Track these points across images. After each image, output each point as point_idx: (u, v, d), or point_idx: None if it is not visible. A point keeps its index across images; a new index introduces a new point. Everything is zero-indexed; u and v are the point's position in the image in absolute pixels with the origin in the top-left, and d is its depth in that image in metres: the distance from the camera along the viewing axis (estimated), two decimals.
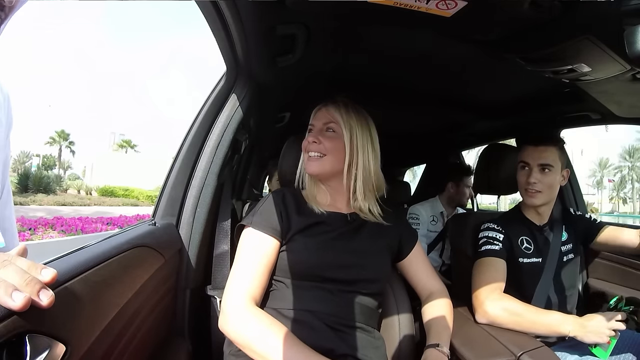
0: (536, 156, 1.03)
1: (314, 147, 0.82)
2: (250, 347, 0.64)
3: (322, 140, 0.82)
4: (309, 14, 0.74)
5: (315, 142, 0.82)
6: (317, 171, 0.82)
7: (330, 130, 0.83)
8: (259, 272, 0.73)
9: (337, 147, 0.82)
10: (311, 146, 0.82)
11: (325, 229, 0.80)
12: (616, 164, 44.34)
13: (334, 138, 0.82)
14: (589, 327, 0.82)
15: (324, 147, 0.81)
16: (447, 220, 1.88)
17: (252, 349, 0.64)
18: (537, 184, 1.02)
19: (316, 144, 0.82)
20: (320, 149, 0.82)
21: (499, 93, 1.26)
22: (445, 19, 0.67)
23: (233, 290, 0.70)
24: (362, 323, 0.76)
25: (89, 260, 0.50)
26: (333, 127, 0.83)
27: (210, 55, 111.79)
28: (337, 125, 0.82)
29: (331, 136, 0.82)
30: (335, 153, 0.82)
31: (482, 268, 1.00)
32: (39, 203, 12.84)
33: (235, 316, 0.67)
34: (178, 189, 0.92)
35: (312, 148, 0.82)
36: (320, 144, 0.82)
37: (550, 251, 1.04)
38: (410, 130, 1.96)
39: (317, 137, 0.82)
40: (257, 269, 0.73)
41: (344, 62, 1.05)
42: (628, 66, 0.70)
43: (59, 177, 25.76)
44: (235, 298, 0.69)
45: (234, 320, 0.67)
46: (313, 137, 0.82)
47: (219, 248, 0.97)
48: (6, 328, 0.32)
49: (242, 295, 0.69)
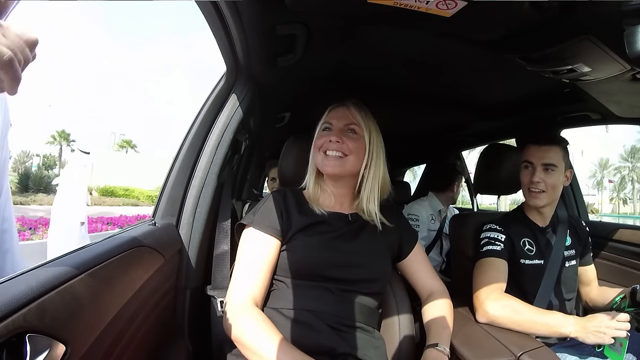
0: (540, 155, 1.03)
1: (337, 147, 0.80)
2: (249, 348, 0.65)
3: (345, 140, 0.81)
4: (309, 14, 0.74)
5: (338, 141, 0.80)
6: (337, 171, 0.81)
7: (351, 131, 0.83)
8: (260, 273, 0.74)
9: (359, 148, 0.81)
10: (333, 145, 0.80)
11: (326, 229, 0.80)
12: (616, 164, 44.33)
13: (356, 139, 0.82)
14: (589, 328, 0.81)
15: (347, 147, 0.81)
16: (444, 219, 1.92)
17: (250, 351, 0.65)
18: (540, 183, 1.02)
19: (339, 143, 0.80)
20: (344, 148, 0.80)
21: (499, 93, 1.26)
22: (445, 19, 0.67)
23: (234, 292, 0.72)
24: (362, 323, 0.76)
25: (89, 260, 0.50)
26: (355, 129, 0.83)
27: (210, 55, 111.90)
28: (359, 127, 0.82)
29: (354, 137, 0.82)
30: (357, 154, 0.81)
31: (483, 268, 1.00)
32: (39, 203, 12.84)
33: (235, 318, 0.68)
34: (178, 189, 0.92)
35: (334, 147, 0.80)
36: (343, 144, 0.80)
37: (553, 254, 1.03)
38: (410, 131, 1.96)
39: (340, 137, 0.81)
40: (258, 269, 0.74)
41: (344, 62, 1.05)
42: (628, 66, 0.70)
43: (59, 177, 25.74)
44: (236, 300, 0.71)
45: (234, 322, 0.68)
46: (336, 137, 0.81)
47: (219, 248, 0.97)
48: (6, 328, 0.32)
49: (243, 297, 0.70)
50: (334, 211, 0.84)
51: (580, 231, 1.12)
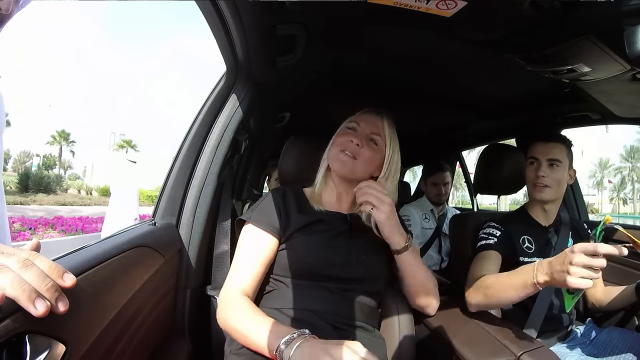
0: (545, 151, 1.04)
1: (354, 149, 0.80)
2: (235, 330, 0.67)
3: (365, 145, 0.81)
4: (309, 14, 0.74)
5: (358, 144, 0.81)
6: (344, 171, 0.81)
7: (373, 141, 0.83)
8: (254, 268, 0.75)
9: (373, 159, 0.82)
10: (352, 146, 0.81)
11: (324, 228, 0.80)
12: (617, 164, 44.33)
13: (375, 150, 0.82)
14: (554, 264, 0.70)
15: (361, 153, 0.81)
16: (441, 218, 1.94)
17: (238, 332, 0.67)
18: (546, 178, 1.02)
19: (358, 147, 0.81)
20: (358, 152, 0.81)
21: (499, 93, 1.26)
22: (445, 19, 0.67)
23: (227, 285, 0.75)
24: (362, 322, 0.77)
25: (89, 260, 0.50)
26: (377, 140, 0.83)
27: (210, 55, 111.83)
28: (382, 139, 0.83)
29: (373, 147, 0.83)
30: (368, 164, 0.82)
31: (475, 263, 1.00)
32: (39, 203, 12.85)
33: (224, 306, 0.71)
34: (178, 189, 0.92)
35: (351, 148, 0.81)
36: (362, 148, 0.81)
37: (555, 253, 1.03)
38: (410, 131, 1.95)
39: (361, 141, 0.81)
40: (253, 264, 0.75)
41: (344, 62, 1.05)
42: (628, 66, 0.69)
43: (59, 176, 25.74)
44: (227, 291, 0.73)
45: (223, 309, 0.71)
46: (357, 140, 0.81)
47: (219, 248, 0.97)
48: (6, 328, 0.32)
49: (234, 289, 0.73)
50: (333, 210, 0.85)
51: (582, 233, 1.12)
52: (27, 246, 0.38)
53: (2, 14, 0.42)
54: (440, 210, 1.97)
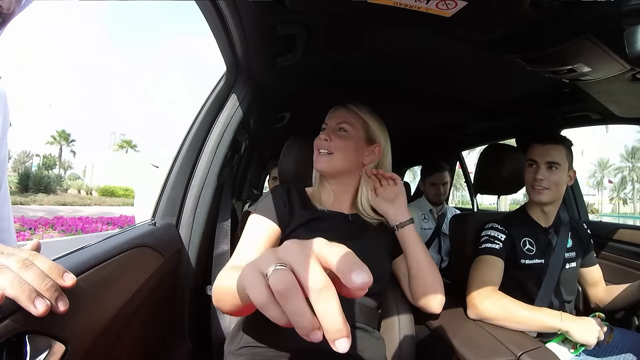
0: (544, 154, 1.04)
1: (325, 145, 0.84)
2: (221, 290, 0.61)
3: (333, 138, 0.84)
4: (309, 14, 0.74)
5: (326, 139, 0.84)
6: (324, 168, 0.84)
7: (342, 130, 0.85)
8: (253, 251, 0.73)
9: (347, 147, 0.84)
10: (323, 143, 0.84)
11: (326, 227, 0.81)
12: (617, 164, 44.32)
13: (344, 138, 0.84)
14: (579, 323, 0.85)
15: (334, 145, 0.83)
16: (440, 218, 1.94)
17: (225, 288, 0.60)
18: (544, 180, 1.02)
19: (327, 141, 0.84)
20: (331, 147, 0.83)
21: (499, 93, 1.26)
22: (445, 19, 0.67)
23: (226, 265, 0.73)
24: (362, 323, 0.77)
25: (89, 260, 0.50)
26: (345, 127, 0.85)
27: (210, 55, 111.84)
28: (350, 126, 0.85)
29: (343, 135, 0.85)
30: (344, 152, 0.84)
31: (479, 265, 1.00)
32: (39, 203, 12.85)
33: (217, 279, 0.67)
34: (178, 189, 0.92)
35: (323, 145, 0.84)
36: (330, 142, 0.84)
37: (555, 254, 1.03)
38: (410, 130, 1.96)
39: (328, 135, 0.84)
40: (252, 248, 0.74)
41: (344, 62, 1.05)
42: (628, 66, 0.69)
43: (59, 177, 25.77)
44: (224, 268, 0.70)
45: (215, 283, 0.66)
46: (325, 135, 0.85)
47: (219, 248, 0.97)
48: (6, 328, 0.32)
49: (230, 266, 0.70)
50: (335, 210, 0.85)
51: (582, 233, 1.12)
52: (27, 246, 0.38)
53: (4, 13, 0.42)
54: (439, 210, 1.97)
